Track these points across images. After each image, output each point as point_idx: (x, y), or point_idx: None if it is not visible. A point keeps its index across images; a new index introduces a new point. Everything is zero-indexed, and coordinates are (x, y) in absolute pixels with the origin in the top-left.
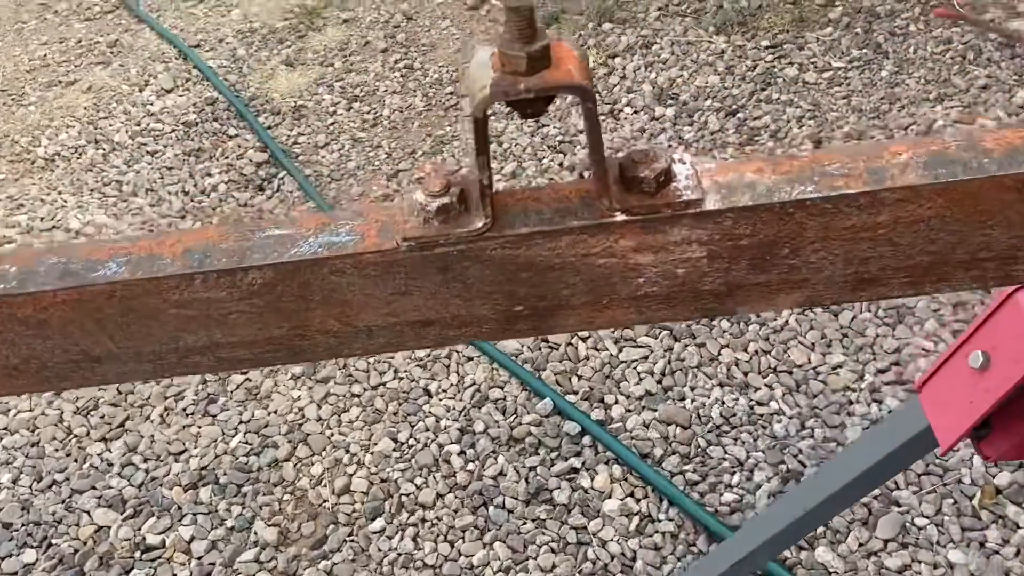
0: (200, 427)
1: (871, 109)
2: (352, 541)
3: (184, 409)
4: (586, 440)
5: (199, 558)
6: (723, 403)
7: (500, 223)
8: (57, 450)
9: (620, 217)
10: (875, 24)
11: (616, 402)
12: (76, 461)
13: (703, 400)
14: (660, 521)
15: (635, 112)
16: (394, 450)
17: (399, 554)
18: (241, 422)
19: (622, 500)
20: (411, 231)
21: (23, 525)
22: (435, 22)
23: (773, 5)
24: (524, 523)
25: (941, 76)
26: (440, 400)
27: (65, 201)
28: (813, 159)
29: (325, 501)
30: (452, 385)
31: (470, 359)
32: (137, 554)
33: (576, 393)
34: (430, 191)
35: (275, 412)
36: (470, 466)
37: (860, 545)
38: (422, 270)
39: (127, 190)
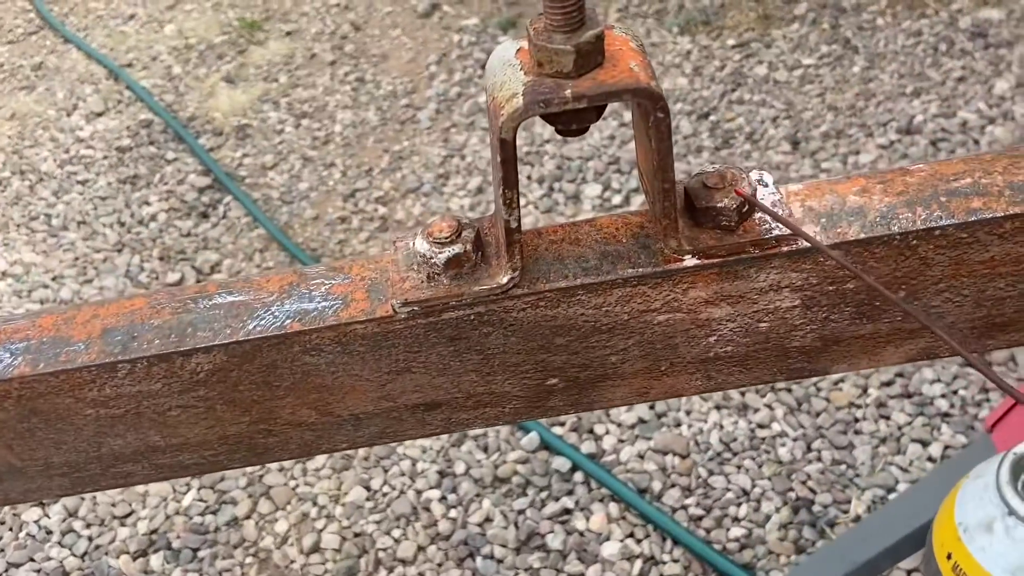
0: (148, 485)
1: (847, 106)
2: None
3: None
4: (578, 476)
5: None
6: (722, 427)
7: (529, 275)
8: None
9: (690, 261)
10: (842, 19)
11: (607, 432)
12: (11, 530)
13: (700, 425)
14: (665, 563)
15: (603, 119)
16: (367, 499)
17: None
18: (194, 476)
19: (622, 542)
20: (412, 292)
21: None
22: (385, 31)
23: (736, 3)
24: (516, 574)
25: (915, 70)
26: (415, 440)
27: None
28: (932, 173)
29: (293, 562)
30: None
31: None
32: None
33: (563, 425)
34: (436, 237)
35: None
36: (452, 513)
37: None
38: (427, 341)
39: (57, 224)
